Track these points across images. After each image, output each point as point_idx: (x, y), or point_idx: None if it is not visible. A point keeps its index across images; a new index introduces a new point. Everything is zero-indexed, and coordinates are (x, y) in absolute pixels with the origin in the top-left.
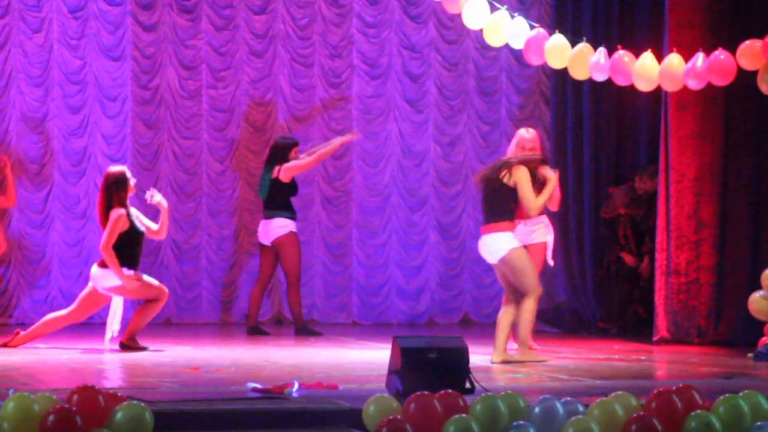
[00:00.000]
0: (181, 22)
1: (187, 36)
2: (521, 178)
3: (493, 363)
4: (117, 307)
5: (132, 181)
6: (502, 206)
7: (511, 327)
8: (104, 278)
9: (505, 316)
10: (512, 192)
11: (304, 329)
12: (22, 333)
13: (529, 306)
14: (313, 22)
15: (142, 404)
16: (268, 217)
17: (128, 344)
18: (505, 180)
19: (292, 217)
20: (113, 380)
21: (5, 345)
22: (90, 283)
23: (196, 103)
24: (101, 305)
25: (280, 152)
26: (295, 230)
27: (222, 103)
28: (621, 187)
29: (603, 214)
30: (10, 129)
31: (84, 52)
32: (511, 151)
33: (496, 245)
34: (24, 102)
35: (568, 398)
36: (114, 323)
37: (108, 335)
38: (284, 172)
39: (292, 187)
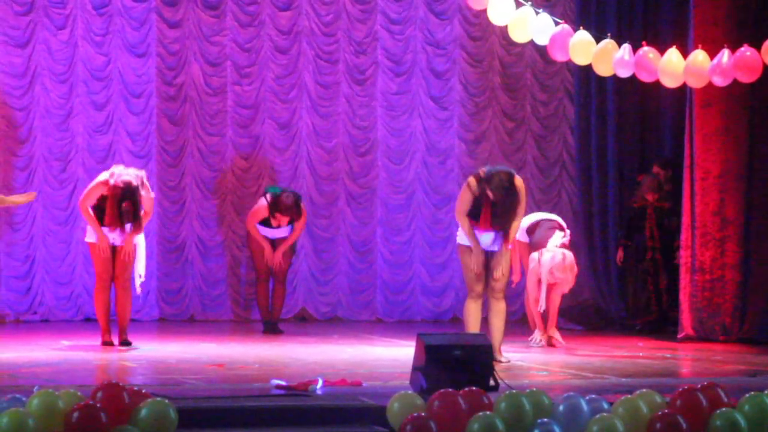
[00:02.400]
0: (205, 18)
1: (212, 32)
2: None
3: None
4: (140, 251)
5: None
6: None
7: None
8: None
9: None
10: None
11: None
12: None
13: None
14: (338, 19)
15: (166, 401)
16: None
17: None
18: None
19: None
20: (137, 377)
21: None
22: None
23: (220, 100)
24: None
25: None
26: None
27: (247, 100)
28: (649, 174)
29: (631, 204)
30: (35, 126)
31: (108, 48)
32: (539, 235)
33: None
34: (49, 99)
35: (593, 396)
36: (140, 268)
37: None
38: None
39: None
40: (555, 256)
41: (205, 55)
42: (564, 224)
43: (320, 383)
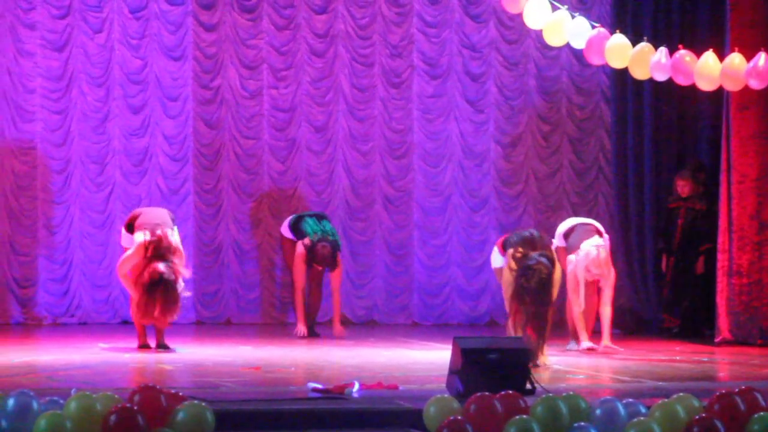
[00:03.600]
0: (242, 21)
1: (248, 35)
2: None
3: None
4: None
5: None
6: None
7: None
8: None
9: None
10: None
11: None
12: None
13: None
14: (374, 22)
15: (203, 404)
16: None
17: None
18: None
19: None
20: (174, 380)
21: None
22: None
23: (257, 103)
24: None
25: None
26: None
27: (283, 103)
28: (686, 172)
29: (667, 205)
30: (72, 129)
31: (145, 52)
32: (575, 238)
33: None
34: (85, 102)
35: (630, 400)
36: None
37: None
38: None
39: None
40: (590, 253)
41: (242, 58)
42: (601, 228)
43: (357, 386)
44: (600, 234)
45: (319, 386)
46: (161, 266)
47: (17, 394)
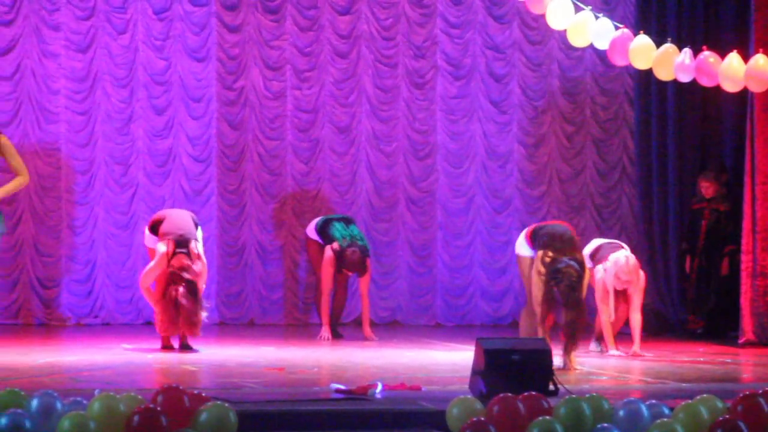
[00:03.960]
0: (265, 22)
1: (272, 37)
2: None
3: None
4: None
5: None
6: None
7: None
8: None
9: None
10: None
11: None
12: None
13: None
14: (397, 23)
15: (227, 405)
16: None
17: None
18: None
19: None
20: (197, 380)
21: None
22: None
23: (280, 104)
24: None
25: None
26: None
27: (306, 104)
28: (710, 173)
29: (691, 206)
30: (95, 130)
31: (169, 53)
32: (601, 255)
33: None
34: (109, 103)
35: (653, 401)
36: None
37: None
38: None
39: None
40: (619, 260)
41: (265, 59)
42: (626, 247)
43: (380, 387)
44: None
45: (342, 387)
46: (181, 290)
47: (41, 395)
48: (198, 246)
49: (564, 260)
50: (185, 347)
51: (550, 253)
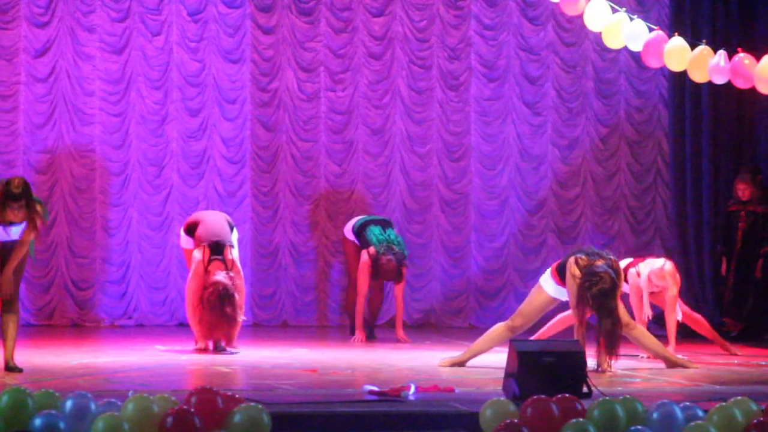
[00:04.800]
0: (299, 24)
1: (306, 38)
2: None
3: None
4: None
5: None
6: None
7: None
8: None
9: None
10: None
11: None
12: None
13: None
14: (432, 25)
15: (260, 406)
16: None
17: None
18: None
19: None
20: (231, 382)
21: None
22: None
23: (314, 106)
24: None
25: None
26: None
27: (340, 106)
28: (746, 175)
29: (727, 208)
30: (130, 132)
31: (203, 54)
32: (644, 282)
33: None
34: (144, 105)
35: (687, 403)
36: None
37: None
38: None
39: None
40: (654, 263)
41: (299, 61)
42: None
43: (413, 389)
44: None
45: (376, 389)
46: (220, 296)
47: (75, 396)
48: (233, 252)
49: (601, 265)
50: (220, 349)
51: (583, 257)
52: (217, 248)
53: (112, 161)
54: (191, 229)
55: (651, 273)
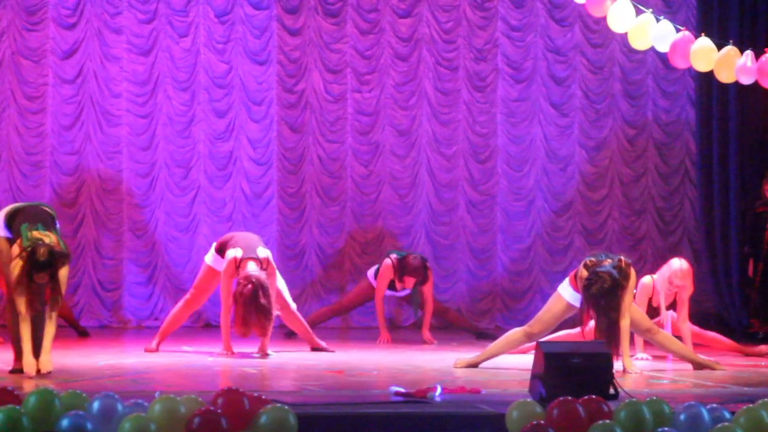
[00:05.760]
0: (326, 25)
1: (332, 40)
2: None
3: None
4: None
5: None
6: None
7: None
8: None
9: None
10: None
11: None
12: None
13: None
14: (458, 26)
15: (286, 407)
16: None
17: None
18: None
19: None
20: (257, 383)
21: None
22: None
23: (340, 107)
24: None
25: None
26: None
27: (366, 107)
28: None
29: (755, 209)
30: (157, 133)
31: (230, 56)
32: (662, 283)
33: None
34: (170, 106)
35: (714, 405)
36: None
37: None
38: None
39: None
40: (673, 263)
41: (326, 62)
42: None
43: (439, 390)
44: None
45: (402, 390)
46: (253, 287)
47: (102, 397)
48: (267, 252)
49: (605, 266)
50: (262, 354)
51: (593, 259)
52: (249, 250)
53: (139, 162)
54: (222, 249)
55: (672, 274)
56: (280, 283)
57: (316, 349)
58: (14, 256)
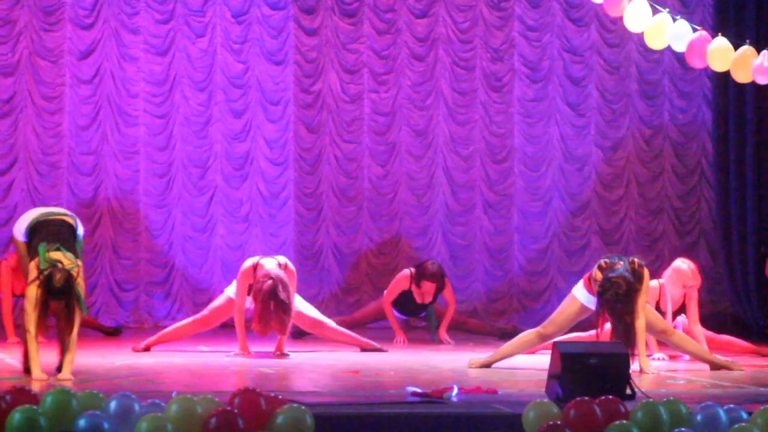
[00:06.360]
0: (343, 26)
1: (349, 40)
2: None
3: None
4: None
5: None
6: None
7: None
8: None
9: None
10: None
11: None
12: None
13: None
14: (475, 26)
15: (303, 407)
16: None
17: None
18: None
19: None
20: (274, 383)
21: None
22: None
23: (357, 107)
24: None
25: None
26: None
27: (383, 107)
28: None
29: None
30: (174, 133)
31: (247, 56)
32: (672, 288)
33: None
34: (187, 106)
35: (731, 405)
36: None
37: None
38: None
39: None
40: (679, 267)
41: (342, 62)
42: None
43: (455, 390)
44: None
45: (418, 390)
46: (272, 283)
47: (119, 397)
48: (285, 259)
49: (619, 269)
50: (279, 353)
51: (606, 261)
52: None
53: (156, 163)
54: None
55: (684, 278)
56: (306, 306)
57: (366, 350)
58: (31, 278)
